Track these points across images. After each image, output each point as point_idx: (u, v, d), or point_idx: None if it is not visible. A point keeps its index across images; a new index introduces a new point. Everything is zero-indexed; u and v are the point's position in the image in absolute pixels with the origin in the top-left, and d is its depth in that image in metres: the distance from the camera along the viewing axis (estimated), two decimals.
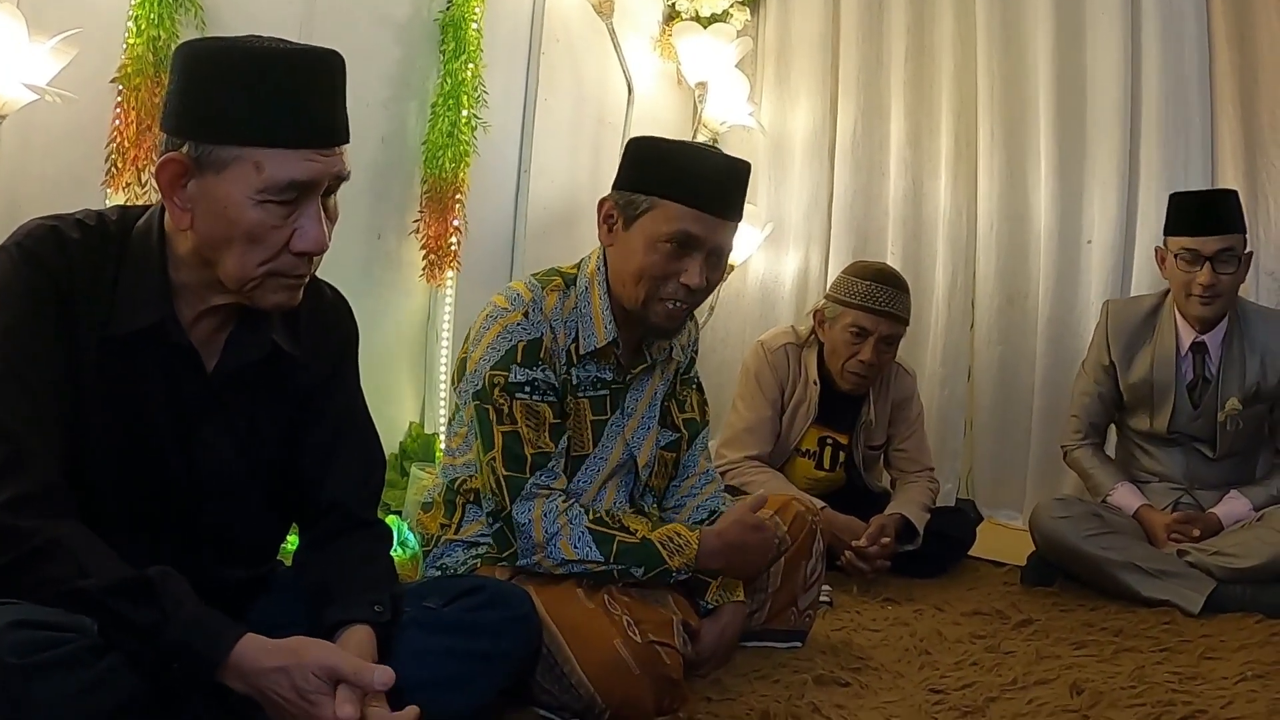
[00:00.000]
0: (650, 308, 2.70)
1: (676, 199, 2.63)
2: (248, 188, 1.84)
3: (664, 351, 2.92)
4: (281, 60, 1.86)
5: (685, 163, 2.68)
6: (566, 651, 2.38)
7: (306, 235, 1.91)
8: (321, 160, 1.89)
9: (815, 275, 5.93)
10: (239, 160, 1.83)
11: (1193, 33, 4.88)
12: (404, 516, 3.84)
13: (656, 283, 2.67)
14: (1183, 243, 3.95)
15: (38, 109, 3.05)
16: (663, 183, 2.65)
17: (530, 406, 2.65)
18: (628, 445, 2.86)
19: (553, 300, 2.74)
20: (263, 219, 1.86)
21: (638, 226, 2.67)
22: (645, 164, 2.72)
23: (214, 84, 1.85)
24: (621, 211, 2.71)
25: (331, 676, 1.78)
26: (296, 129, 1.86)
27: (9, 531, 1.76)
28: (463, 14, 4.49)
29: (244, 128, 1.83)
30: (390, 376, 4.38)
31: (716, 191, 2.67)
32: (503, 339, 2.67)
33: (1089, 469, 4.28)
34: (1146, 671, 2.95)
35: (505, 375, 2.65)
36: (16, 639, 1.62)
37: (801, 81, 6.03)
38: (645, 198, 2.66)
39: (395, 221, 4.46)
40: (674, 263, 2.65)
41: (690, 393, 3.08)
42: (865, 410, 4.32)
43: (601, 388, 2.81)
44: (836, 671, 2.86)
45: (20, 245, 1.89)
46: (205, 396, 2.03)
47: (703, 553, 2.69)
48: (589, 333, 2.75)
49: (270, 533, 2.26)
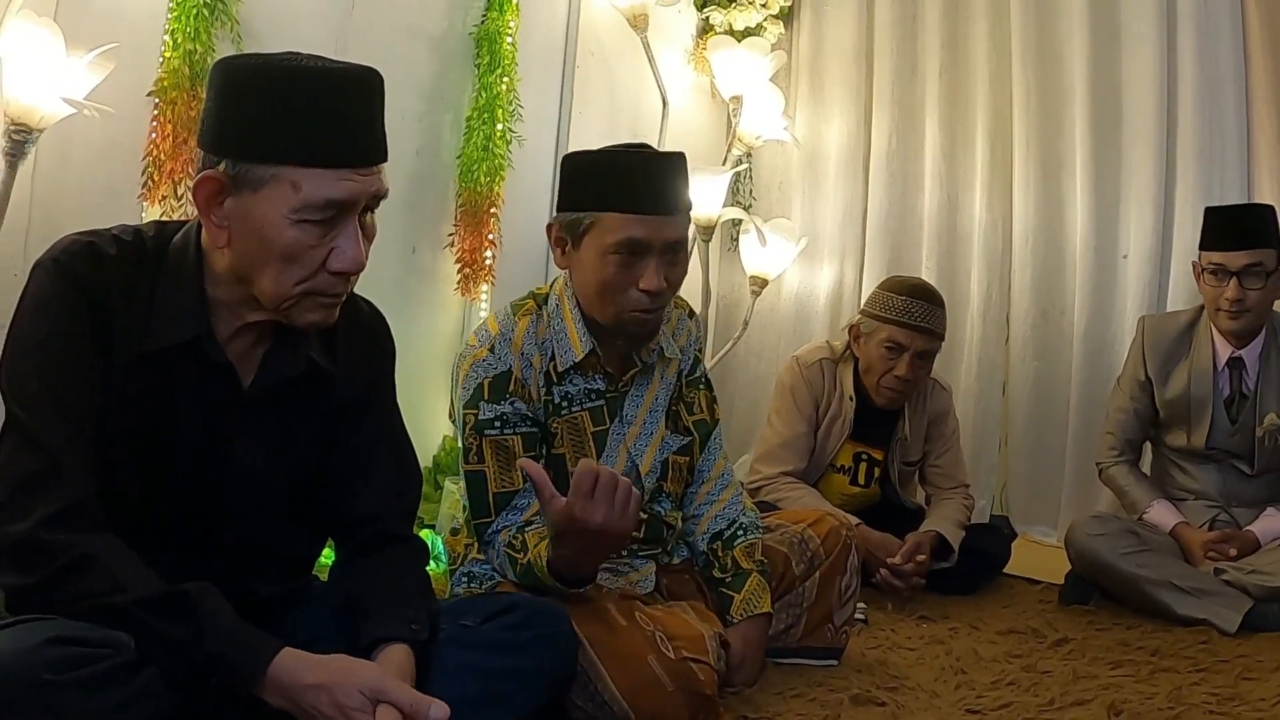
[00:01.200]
0: (622, 319, 2.69)
1: (613, 209, 2.61)
2: (285, 206, 1.83)
3: (654, 353, 2.89)
4: (320, 79, 1.86)
5: (613, 171, 2.66)
6: (600, 668, 2.36)
7: (344, 255, 1.90)
8: (359, 180, 1.88)
9: (850, 289, 5.90)
10: (276, 179, 1.83)
11: (1228, 45, 4.86)
12: (438, 530, 3.84)
13: (618, 295, 2.65)
14: (1211, 257, 3.95)
15: (74, 123, 3.06)
16: (597, 195, 2.64)
17: (499, 443, 2.66)
18: (630, 454, 2.84)
19: (524, 326, 2.74)
20: (299, 238, 1.86)
21: (585, 244, 2.66)
22: (577, 181, 2.71)
23: (252, 102, 1.84)
24: (567, 233, 2.70)
25: (382, 700, 1.78)
26: (334, 148, 1.85)
27: (44, 547, 1.76)
28: (497, 28, 4.50)
29: (281, 146, 1.83)
30: (423, 390, 4.37)
31: (650, 190, 2.64)
32: (471, 377, 2.69)
33: (1125, 486, 4.24)
34: (1184, 693, 2.92)
35: (475, 414, 2.67)
36: (52, 655, 1.62)
37: (836, 95, 6.00)
38: (585, 214, 2.65)
39: (430, 235, 4.47)
40: (628, 271, 2.63)
41: (698, 393, 3.05)
42: (901, 426, 4.29)
43: (596, 398, 2.81)
44: (873, 691, 2.84)
45: (57, 260, 1.89)
46: (240, 412, 2.03)
47: (552, 558, 2.46)
48: (565, 349, 2.75)
49: (304, 547, 2.26)
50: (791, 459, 4.21)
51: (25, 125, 2.94)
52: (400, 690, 1.81)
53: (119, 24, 3.34)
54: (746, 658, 2.80)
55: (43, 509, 1.77)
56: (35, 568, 1.77)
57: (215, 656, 1.75)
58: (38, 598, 1.76)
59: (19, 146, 2.95)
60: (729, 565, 2.90)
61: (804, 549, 3.04)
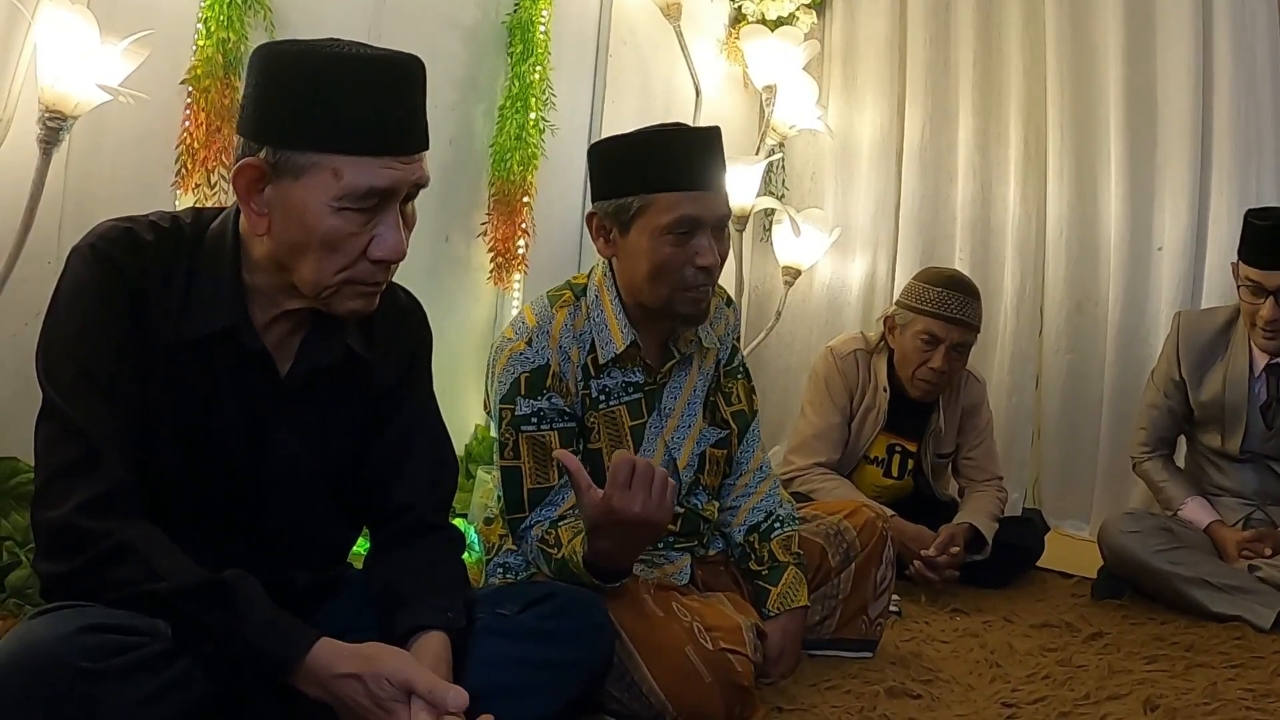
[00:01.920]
0: (675, 300, 2.67)
1: (664, 188, 2.60)
2: (326, 194, 1.82)
3: (692, 344, 2.88)
4: (362, 66, 1.84)
5: (658, 151, 2.65)
6: (637, 659, 2.36)
7: (385, 243, 1.89)
8: (401, 168, 1.87)
9: (882, 280, 5.89)
10: (317, 166, 1.81)
11: (1264, 35, 4.83)
12: (470, 519, 3.83)
13: (673, 275, 2.64)
14: (1247, 272, 3.85)
15: (107, 110, 3.06)
16: (644, 178, 2.62)
17: (535, 439, 2.64)
18: (667, 447, 2.83)
19: (561, 318, 2.72)
20: (340, 226, 1.85)
21: (635, 228, 2.64)
22: (617, 166, 2.69)
23: (293, 89, 1.82)
24: (612, 220, 2.68)
25: (406, 689, 1.77)
26: (377, 136, 1.84)
27: (81, 534, 1.76)
28: (530, 16, 4.50)
29: (323, 134, 1.81)
30: (456, 380, 4.38)
31: (698, 165, 2.64)
32: (508, 371, 2.66)
33: (1159, 482, 4.21)
34: (1219, 688, 2.90)
35: (511, 409, 2.65)
36: (88, 643, 1.62)
37: (869, 85, 5.98)
38: (633, 198, 2.63)
39: (462, 224, 4.47)
40: (682, 250, 2.62)
41: (736, 383, 3.03)
42: (935, 418, 4.27)
43: (634, 391, 2.79)
44: (908, 683, 2.83)
45: (94, 246, 1.88)
46: (277, 399, 2.02)
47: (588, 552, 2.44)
48: (606, 341, 2.73)
49: (340, 535, 2.25)
50: (825, 450, 4.20)
51: (60, 112, 2.94)
52: (421, 676, 1.80)
53: (152, 11, 3.34)
54: (785, 650, 2.80)
55: (80, 495, 1.77)
56: (72, 554, 1.76)
57: (252, 645, 1.75)
58: (74, 584, 1.76)
59: (53, 134, 2.95)
60: (765, 558, 2.89)
61: (840, 541, 3.03)
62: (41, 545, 1.81)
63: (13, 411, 2.88)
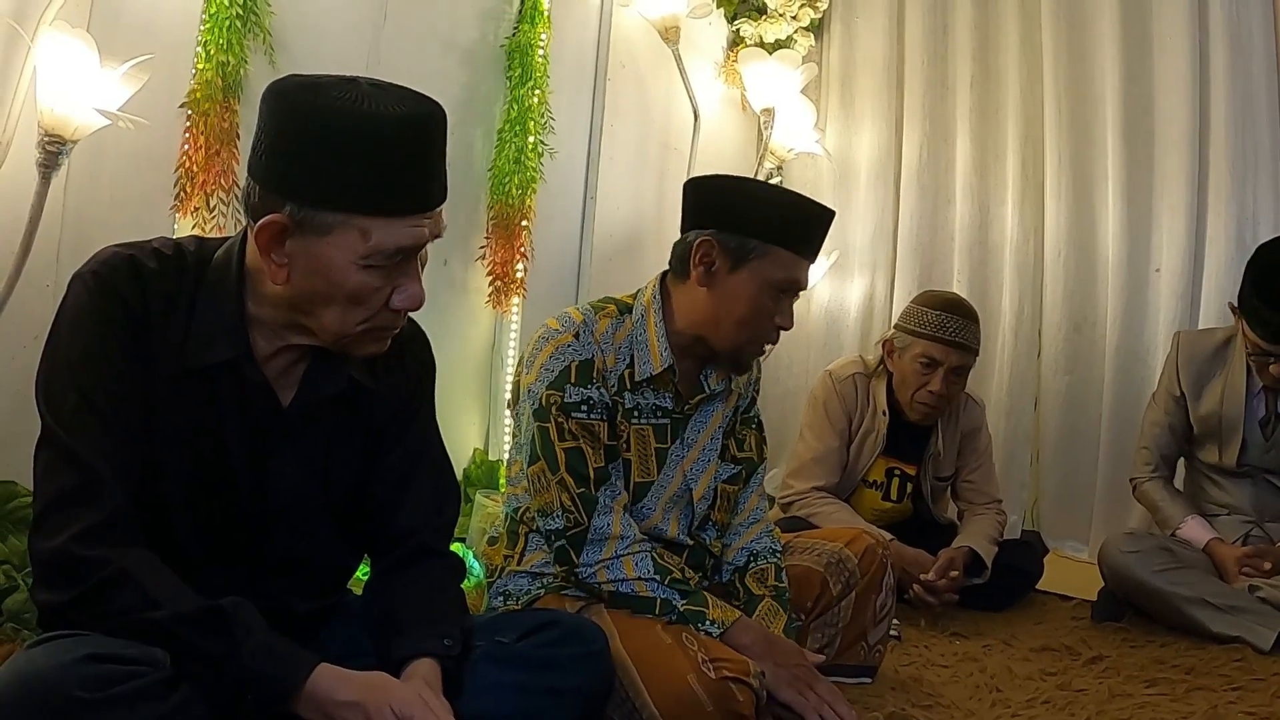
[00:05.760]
0: (745, 348, 2.76)
1: (789, 246, 2.67)
2: (353, 254, 1.83)
3: (722, 383, 2.90)
4: (390, 128, 1.82)
5: (791, 211, 2.71)
6: (639, 684, 2.36)
7: (407, 293, 1.92)
8: (426, 224, 1.89)
9: (880, 303, 5.90)
10: (344, 226, 1.82)
11: (1261, 57, 4.84)
12: (468, 543, 3.82)
13: (757, 327, 2.71)
14: (1250, 335, 3.82)
15: (107, 134, 3.05)
16: (774, 230, 2.67)
17: (586, 425, 2.66)
18: (685, 478, 2.84)
19: (604, 325, 2.74)
20: (367, 281, 1.86)
21: (747, 270, 2.68)
22: (750, 208, 2.70)
23: (320, 148, 1.80)
24: (729, 255, 2.69)
25: None
26: (405, 199, 1.86)
27: (79, 563, 1.75)
28: (529, 40, 4.50)
29: (351, 196, 1.81)
30: (455, 403, 4.38)
31: (816, 239, 2.75)
32: (556, 359, 2.67)
33: (1158, 502, 4.20)
34: (1220, 711, 2.90)
35: (560, 395, 2.65)
36: (88, 673, 1.61)
37: (866, 107, 6.01)
38: (756, 242, 2.66)
39: (461, 248, 4.46)
40: (774, 306, 2.70)
41: (750, 433, 3.05)
42: (934, 441, 4.27)
43: (662, 416, 2.80)
44: (908, 709, 2.82)
45: (96, 273, 1.88)
46: (279, 428, 2.02)
47: (741, 624, 2.61)
48: (644, 359, 2.75)
49: (341, 562, 2.24)
50: (824, 474, 4.18)
51: (59, 136, 2.94)
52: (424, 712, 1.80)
53: (151, 35, 3.34)
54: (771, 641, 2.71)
55: (77, 524, 1.76)
56: (69, 584, 1.75)
57: (251, 672, 1.74)
58: (72, 614, 1.75)
59: (52, 158, 2.95)
60: (742, 594, 2.90)
61: (841, 569, 3.01)
62: (39, 575, 1.80)
63: (11, 435, 2.87)
